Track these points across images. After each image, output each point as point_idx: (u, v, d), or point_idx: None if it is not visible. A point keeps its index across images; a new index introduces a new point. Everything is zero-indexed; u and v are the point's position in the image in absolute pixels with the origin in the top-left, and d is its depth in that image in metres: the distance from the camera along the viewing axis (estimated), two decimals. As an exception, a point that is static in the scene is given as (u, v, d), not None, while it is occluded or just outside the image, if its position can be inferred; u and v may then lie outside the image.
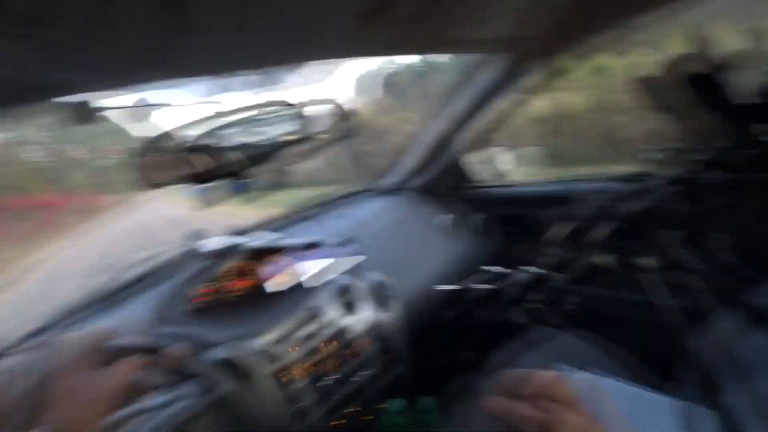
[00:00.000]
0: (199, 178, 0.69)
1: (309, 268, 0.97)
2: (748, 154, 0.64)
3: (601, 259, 0.79)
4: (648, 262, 0.75)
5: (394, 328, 0.96)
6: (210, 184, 0.72)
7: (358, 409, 0.90)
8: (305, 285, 0.96)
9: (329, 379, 0.86)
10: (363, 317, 0.94)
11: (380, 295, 0.96)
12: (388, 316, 0.96)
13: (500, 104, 1.16)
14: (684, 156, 0.74)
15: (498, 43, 0.84)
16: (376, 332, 0.93)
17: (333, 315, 0.92)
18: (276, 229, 1.20)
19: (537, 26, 0.74)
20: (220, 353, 0.74)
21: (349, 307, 0.94)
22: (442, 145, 1.30)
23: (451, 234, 1.31)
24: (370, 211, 1.35)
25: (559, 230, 0.78)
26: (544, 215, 1.18)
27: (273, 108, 0.71)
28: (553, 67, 1.03)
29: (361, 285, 0.97)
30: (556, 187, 1.23)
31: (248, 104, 0.69)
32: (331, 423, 0.87)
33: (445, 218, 1.33)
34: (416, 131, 1.36)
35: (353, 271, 1.00)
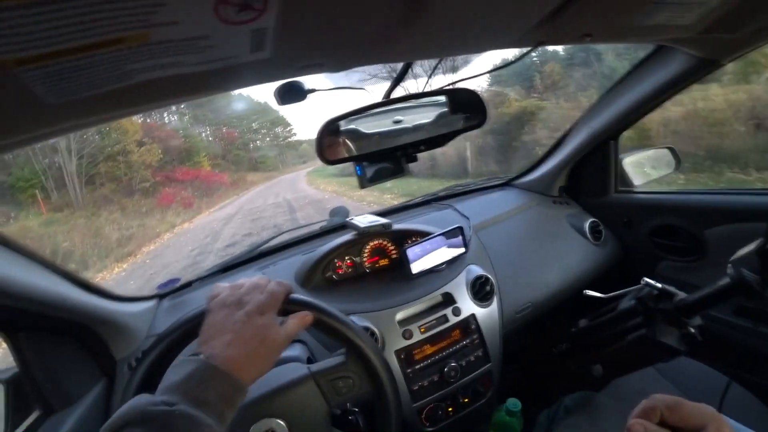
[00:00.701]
0: (365, 159, 0.74)
1: (445, 255, 1.00)
2: None
3: None
4: None
5: (495, 324, 0.96)
6: (373, 166, 0.77)
7: (468, 399, 0.91)
8: (439, 270, 0.99)
9: (452, 365, 0.88)
10: (486, 310, 0.95)
11: (484, 289, 0.96)
12: (491, 311, 0.96)
13: (660, 101, 1.03)
14: None
15: (667, 33, 0.73)
16: (481, 324, 0.94)
17: (463, 303, 0.93)
18: (410, 215, 1.27)
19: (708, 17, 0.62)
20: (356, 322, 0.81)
21: (480, 297, 0.95)
22: (589, 144, 1.21)
23: (578, 237, 1.22)
24: (506, 205, 1.32)
25: (743, 248, 0.65)
26: (687, 229, 1.01)
27: (432, 97, 0.73)
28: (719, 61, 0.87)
29: (486, 277, 0.97)
30: (715, 198, 1.05)
31: (412, 92, 0.73)
32: (446, 408, 0.89)
33: (587, 222, 1.24)
34: (563, 126, 1.29)
35: (461, 262, 1.01)
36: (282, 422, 0.55)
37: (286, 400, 0.57)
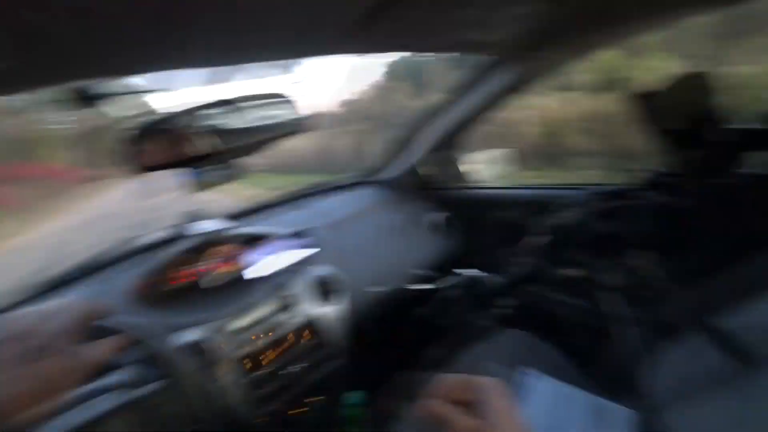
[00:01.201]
0: (189, 162, 0.71)
1: (285, 258, 0.99)
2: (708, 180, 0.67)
3: (569, 272, 0.83)
4: (613, 278, 0.78)
5: (339, 323, 0.99)
6: (200, 170, 0.73)
7: (316, 399, 0.94)
8: (278, 274, 0.99)
9: (293, 368, 0.89)
10: (329, 309, 0.97)
11: (328, 289, 0.98)
12: (334, 310, 0.99)
13: (495, 106, 1.18)
14: (659, 176, 0.76)
15: (498, 45, 0.84)
16: (323, 325, 0.96)
17: (304, 306, 0.95)
18: (258, 217, 1.22)
19: (536, 29, 0.75)
20: (188, 336, 0.77)
21: (321, 298, 0.98)
22: (437, 141, 1.32)
23: (427, 232, 1.33)
24: (348, 203, 1.36)
25: (532, 239, 0.81)
26: (517, 221, 1.21)
27: (259, 98, 0.73)
28: (550, 68, 1.04)
29: (330, 277, 1.00)
30: (532, 193, 1.25)
31: (236, 93, 0.71)
32: (290, 411, 0.90)
33: (424, 216, 1.35)
34: (408, 124, 1.37)
35: (305, 263, 1.02)
36: None
37: None
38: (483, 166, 1.45)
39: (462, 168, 1.45)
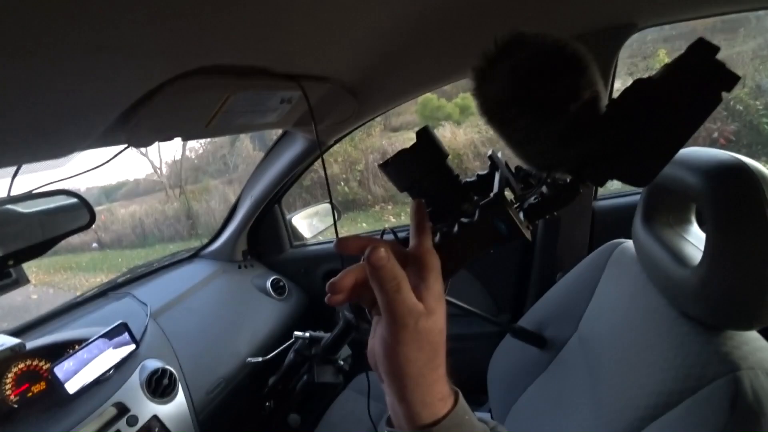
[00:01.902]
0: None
1: (111, 359, 0.88)
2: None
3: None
4: None
5: (184, 417, 0.91)
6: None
7: None
8: (107, 378, 0.86)
9: None
10: (170, 406, 0.89)
11: (162, 383, 0.90)
12: (175, 405, 0.90)
13: (304, 168, 1.29)
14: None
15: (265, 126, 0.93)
16: (169, 422, 0.87)
17: (141, 407, 0.84)
18: (84, 313, 1.06)
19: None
20: None
21: (160, 394, 0.88)
22: (256, 209, 1.36)
23: (262, 297, 1.33)
24: (191, 279, 1.29)
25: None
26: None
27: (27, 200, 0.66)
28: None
29: (162, 370, 0.91)
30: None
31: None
32: None
33: (269, 280, 1.37)
34: (233, 198, 1.42)
35: (130, 360, 0.92)
36: None
37: None
38: (305, 224, 1.52)
39: (286, 229, 1.51)
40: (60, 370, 0.79)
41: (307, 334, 0.91)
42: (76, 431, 0.75)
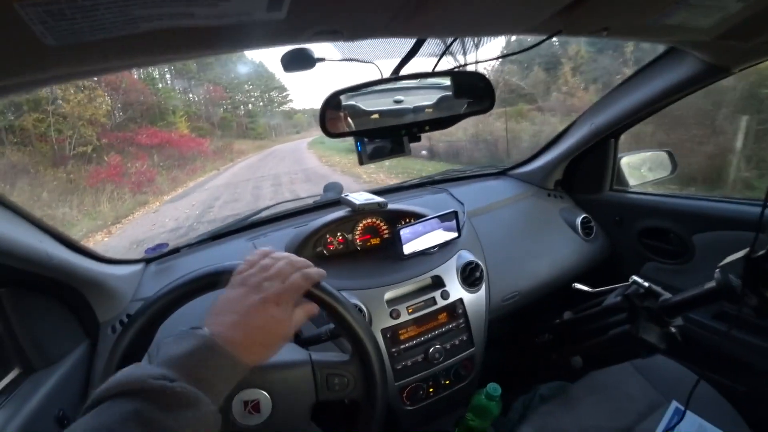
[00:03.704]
0: (366, 135, 0.73)
1: (438, 238, 1.00)
2: None
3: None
4: None
5: (482, 310, 0.97)
6: (373, 143, 0.76)
7: (450, 381, 0.94)
8: (431, 253, 1.00)
9: (437, 347, 0.90)
10: (473, 296, 0.96)
11: (473, 276, 0.97)
12: (478, 297, 0.97)
13: (665, 104, 1.03)
14: None
15: (682, 35, 0.72)
16: (468, 310, 0.95)
17: (452, 287, 0.94)
18: (409, 196, 1.26)
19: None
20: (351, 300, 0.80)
21: (469, 283, 0.96)
22: (589, 140, 1.21)
23: (577, 234, 1.24)
24: (500, 194, 1.33)
25: (732, 255, 0.66)
26: (696, 234, 1.03)
27: (440, 78, 0.72)
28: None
29: (476, 264, 0.98)
30: (705, 205, 1.06)
31: (420, 71, 0.71)
32: (427, 389, 0.91)
33: (579, 217, 1.26)
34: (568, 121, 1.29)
35: (451, 246, 1.02)
36: (267, 396, 0.55)
37: (278, 377, 0.56)
38: (633, 168, 1.29)
39: (612, 169, 1.30)
40: (403, 233, 0.96)
41: (646, 284, 0.77)
42: (401, 285, 0.91)
